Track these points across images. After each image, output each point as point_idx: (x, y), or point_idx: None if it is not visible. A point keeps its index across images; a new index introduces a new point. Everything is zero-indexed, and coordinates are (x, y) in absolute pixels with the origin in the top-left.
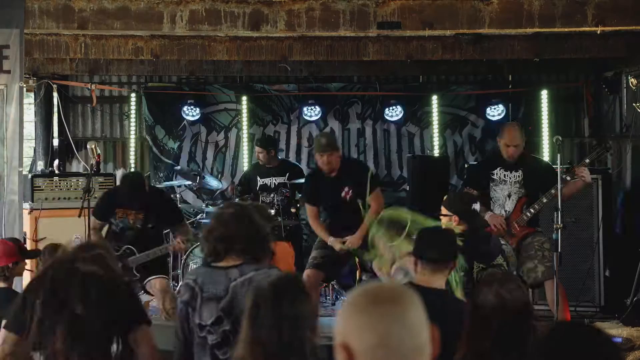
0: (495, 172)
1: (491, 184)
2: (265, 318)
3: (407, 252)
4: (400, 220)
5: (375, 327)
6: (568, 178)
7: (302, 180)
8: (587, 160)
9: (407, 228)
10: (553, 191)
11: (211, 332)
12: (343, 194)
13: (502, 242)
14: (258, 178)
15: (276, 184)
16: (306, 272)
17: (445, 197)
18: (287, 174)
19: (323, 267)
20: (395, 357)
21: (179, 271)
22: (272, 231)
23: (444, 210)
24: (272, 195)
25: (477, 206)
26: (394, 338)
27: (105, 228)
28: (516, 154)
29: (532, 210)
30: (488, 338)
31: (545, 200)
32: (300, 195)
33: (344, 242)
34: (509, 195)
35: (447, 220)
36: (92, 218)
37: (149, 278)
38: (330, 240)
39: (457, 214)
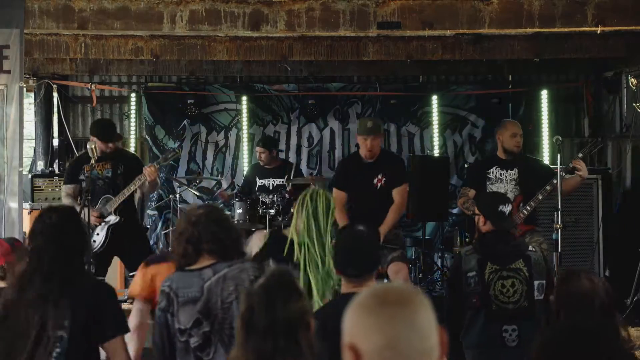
0: (491, 170)
1: (487, 183)
2: (259, 323)
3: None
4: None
5: (383, 329)
6: (563, 174)
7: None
8: (580, 155)
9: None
10: (548, 187)
11: (192, 335)
12: (375, 181)
13: (532, 249)
14: (257, 178)
15: (274, 185)
16: None
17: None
18: (286, 176)
19: None
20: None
21: None
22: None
23: (476, 210)
24: (270, 196)
25: (505, 208)
26: (402, 340)
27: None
28: (521, 144)
29: (528, 208)
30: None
31: (540, 197)
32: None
33: None
34: (505, 194)
35: (477, 219)
36: (64, 187)
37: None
38: None
39: (483, 215)
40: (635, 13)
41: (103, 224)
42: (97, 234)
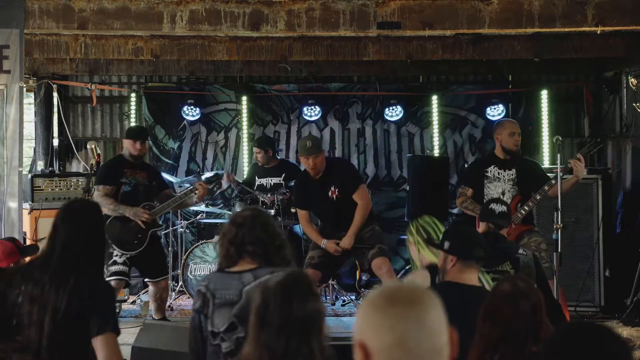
0: (489, 169)
1: (485, 182)
2: (273, 319)
3: (429, 263)
4: (431, 229)
5: (392, 328)
6: (562, 174)
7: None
8: (579, 156)
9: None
10: (547, 187)
11: (224, 340)
12: (330, 193)
13: (522, 252)
14: (256, 178)
15: (272, 184)
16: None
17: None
18: (284, 174)
19: (320, 267)
20: (411, 359)
21: (179, 271)
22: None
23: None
24: (268, 195)
25: (497, 207)
26: (411, 339)
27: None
28: (519, 143)
29: (526, 208)
30: (500, 326)
31: (538, 198)
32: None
33: (337, 244)
34: (503, 193)
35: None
36: (101, 187)
37: (159, 278)
38: (323, 243)
39: (479, 215)
40: (635, 13)
41: (146, 229)
42: (139, 236)
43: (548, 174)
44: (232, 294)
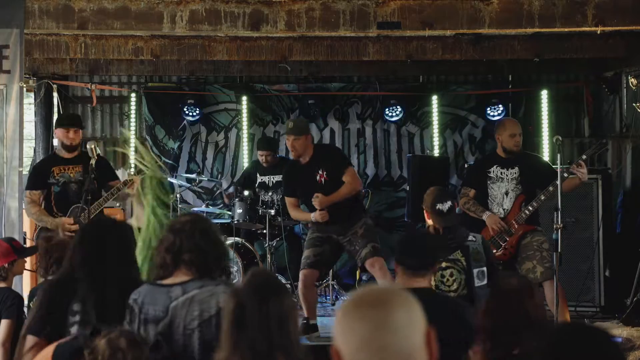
0: (491, 170)
1: (488, 182)
2: (252, 319)
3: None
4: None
5: (355, 331)
6: (565, 175)
7: None
8: (584, 157)
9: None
10: (551, 188)
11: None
12: (318, 177)
13: (472, 239)
14: (258, 175)
15: (274, 181)
16: (302, 272)
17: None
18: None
19: (317, 265)
20: None
21: None
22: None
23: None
24: (270, 193)
25: (443, 206)
26: (375, 341)
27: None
28: (520, 143)
29: (530, 208)
30: (513, 316)
31: (543, 198)
32: None
33: (322, 210)
34: (507, 193)
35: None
36: (27, 192)
37: None
38: (313, 216)
39: (425, 209)
40: (635, 13)
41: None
42: None
43: (551, 165)
44: (158, 310)
